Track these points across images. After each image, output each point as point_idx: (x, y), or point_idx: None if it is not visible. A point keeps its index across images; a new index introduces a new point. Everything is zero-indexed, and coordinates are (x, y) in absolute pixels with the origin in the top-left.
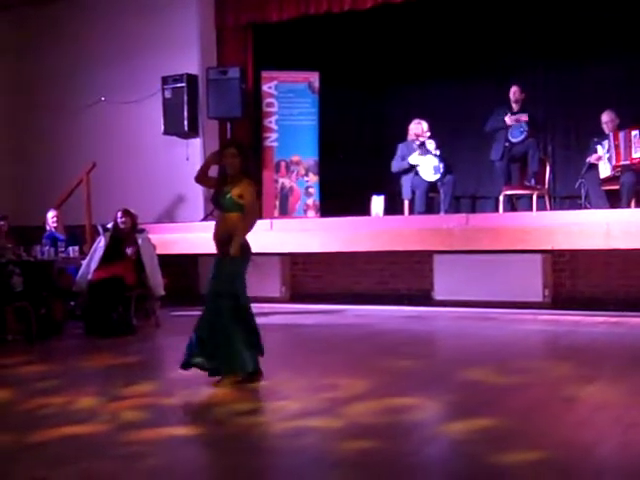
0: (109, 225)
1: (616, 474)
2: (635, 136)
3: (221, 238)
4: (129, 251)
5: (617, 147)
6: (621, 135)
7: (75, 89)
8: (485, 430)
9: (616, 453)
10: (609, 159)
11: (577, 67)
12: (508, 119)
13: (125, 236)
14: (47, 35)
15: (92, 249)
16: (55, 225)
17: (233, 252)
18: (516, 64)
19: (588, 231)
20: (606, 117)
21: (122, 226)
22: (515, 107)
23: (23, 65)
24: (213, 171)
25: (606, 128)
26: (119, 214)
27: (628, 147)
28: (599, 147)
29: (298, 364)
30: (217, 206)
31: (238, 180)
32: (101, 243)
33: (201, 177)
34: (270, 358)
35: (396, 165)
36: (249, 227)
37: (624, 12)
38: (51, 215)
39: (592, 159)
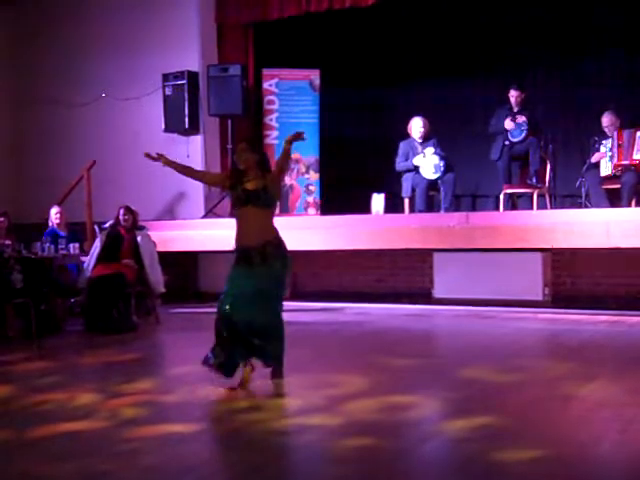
0: (106, 224)
1: (614, 471)
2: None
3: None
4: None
5: (620, 146)
6: (625, 134)
7: (75, 86)
8: (484, 428)
9: (614, 451)
10: (611, 157)
11: (578, 66)
12: (507, 125)
13: (125, 233)
14: (47, 31)
15: (93, 247)
16: (58, 221)
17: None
18: (517, 62)
19: (588, 230)
20: (606, 120)
21: (124, 223)
22: (515, 108)
23: (22, 61)
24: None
25: (608, 132)
26: (122, 211)
27: (631, 147)
28: (602, 145)
29: (297, 362)
30: (249, 203)
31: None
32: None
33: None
34: None
35: (400, 165)
36: None
37: (625, 11)
38: (55, 211)
39: (594, 158)
